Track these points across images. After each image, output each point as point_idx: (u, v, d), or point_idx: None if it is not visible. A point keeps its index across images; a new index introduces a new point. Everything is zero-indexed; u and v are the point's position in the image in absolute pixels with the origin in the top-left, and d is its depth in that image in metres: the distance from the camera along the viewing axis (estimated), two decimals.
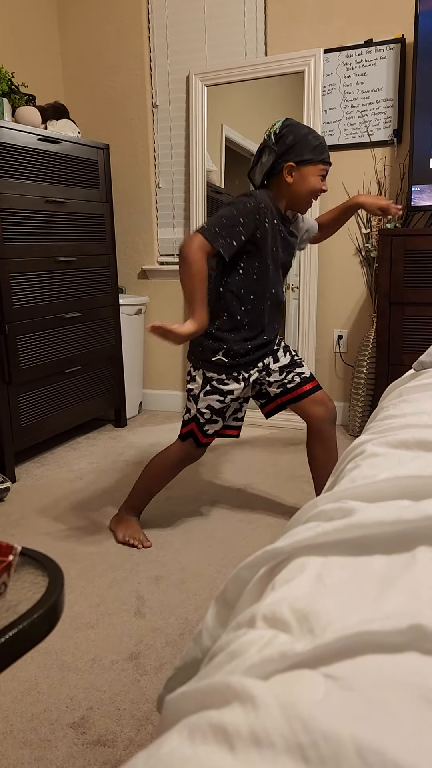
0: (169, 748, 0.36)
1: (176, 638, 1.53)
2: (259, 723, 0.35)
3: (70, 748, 1.20)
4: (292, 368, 1.90)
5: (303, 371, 1.91)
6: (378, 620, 0.42)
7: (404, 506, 0.58)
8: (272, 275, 1.80)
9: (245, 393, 1.92)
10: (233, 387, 1.83)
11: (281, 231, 1.79)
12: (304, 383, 1.90)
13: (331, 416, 1.91)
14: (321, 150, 1.72)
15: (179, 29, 3.18)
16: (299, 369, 1.91)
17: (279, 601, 0.49)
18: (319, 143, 1.72)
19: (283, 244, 1.81)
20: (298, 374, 1.90)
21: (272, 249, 1.77)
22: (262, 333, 1.84)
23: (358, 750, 0.32)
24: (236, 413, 1.98)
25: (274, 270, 1.80)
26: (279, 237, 1.79)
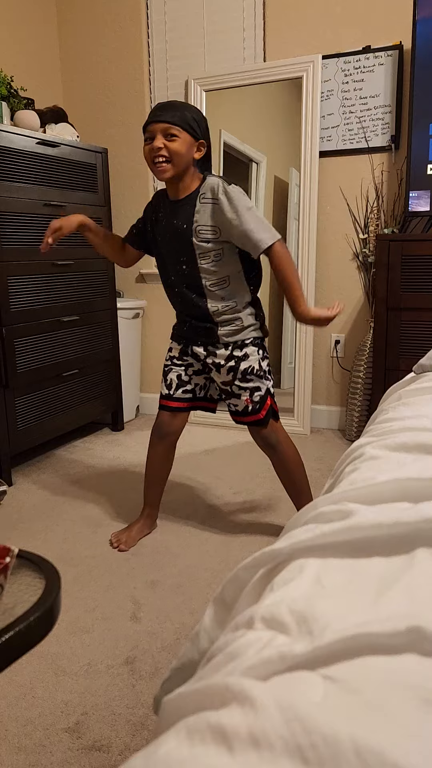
0: (167, 748, 0.36)
1: (172, 643, 1.52)
2: (258, 724, 0.35)
3: (65, 753, 1.20)
4: (227, 396, 1.90)
5: (235, 404, 1.89)
6: (377, 622, 0.42)
7: (403, 508, 0.58)
8: (163, 262, 1.86)
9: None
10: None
11: (162, 219, 1.82)
12: (235, 415, 1.92)
13: (263, 444, 1.92)
14: (146, 121, 1.68)
15: (178, 35, 3.19)
16: (231, 400, 1.90)
17: (278, 603, 0.48)
18: (149, 112, 1.70)
19: (166, 232, 1.81)
20: (230, 404, 1.92)
21: (155, 239, 1.85)
22: (176, 304, 1.91)
23: (356, 751, 0.32)
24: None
25: (163, 257, 1.85)
26: (160, 225, 1.83)
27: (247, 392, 1.85)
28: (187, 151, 1.68)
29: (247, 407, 1.86)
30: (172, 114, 1.64)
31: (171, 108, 1.65)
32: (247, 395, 1.85)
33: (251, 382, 1.85)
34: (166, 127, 1.64)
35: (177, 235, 1.77)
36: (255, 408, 1.86)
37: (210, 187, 1.72)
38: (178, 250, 1.79)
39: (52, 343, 2.71)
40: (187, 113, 1.67)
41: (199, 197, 1.73)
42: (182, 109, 1.66)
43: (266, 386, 1.87)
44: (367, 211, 2.96)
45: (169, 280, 1.87)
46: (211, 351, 1.87)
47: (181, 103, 1.69)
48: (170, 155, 1.65)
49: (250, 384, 1.85)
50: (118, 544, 1.99)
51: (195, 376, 1.95)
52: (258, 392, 1.85)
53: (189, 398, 1.96)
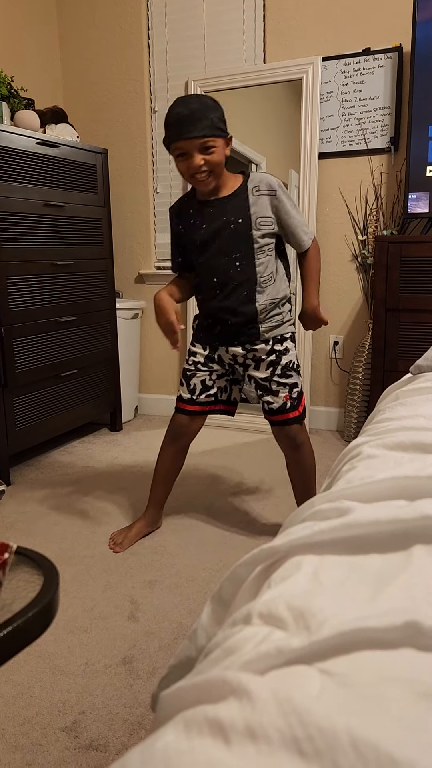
0: (165, 741, 0.36)
1: (170, 642, 1.52)
2: (255, 717, 0.35)
3: (62, 752, 1.19)
4: (265, 393, 1.87)
5: (272, 401, 1.86)
6: (374, 617, 0.42)
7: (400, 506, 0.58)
8: (208, 264, 1.80)
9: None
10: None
11: (202, 223, 1.76)
12: (270, 414, 1.88)
13: (290, 444, 1.90)
14: (168, 130, 1.59)
15: (178, 36, 3.19)
16: (269, 397, 1.86)
17: (275, 599, 0.49)
18: (167, 123, 1.59)
19: (212, 233, 1.75)
20: (266, 402, 1.87)
21: (197, 242, 1.79)
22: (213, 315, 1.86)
23: (353, 743, 0.32)
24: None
25: (209, 259, 1.79)
26: (200, 229, 1.77)
27: (287, 388, 1.83)
28: (222, 156, 1.66)
29: (285, 404, 1.83)
30: (202, 126, 1.57)
31: (198, 118, 1.56)
32: (287, 392, 1.83)
33: (291, 378, 1.83)
34: (201, 143, 1.59)
35: (231, 231, 1.73)
36: (294, 404, 1.84)
37: (263, 180, 1.74)
38: (233, 247, 1.75)
39: (50, 343, 2.71)
40: (212, 115, 1.59)
41: (252, 190, 1.72)
42: (207, 113, 1.58)
43: (301, 382, 1.88)
44: (366, 213, 2.96)
45: (214, 283, 1.80)
46: (251, 348, 1.84)
47: (203, 105, 1.59)
48: (211, 167, 1.64)
49: (289, 380, 1.83)
50: (113, 545, 1.98)
51: (218, 380, 1.93)
52: (296, 388, 1.85)
53: (211, 402, 1.93)
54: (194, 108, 1.57)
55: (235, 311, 1.79)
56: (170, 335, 1.71)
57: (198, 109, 1.57)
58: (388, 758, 0.31)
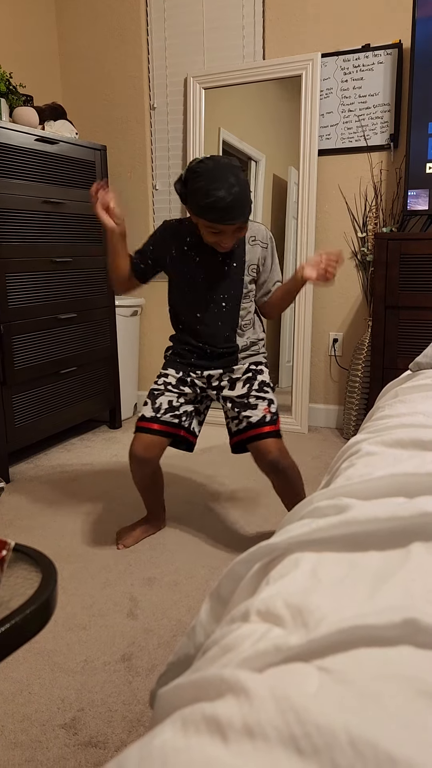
0: (162, 739, 0.36)
1: (169, 639, 1.52)
2: (253, 715, 0.35)
3: (61, 749, 1.20)
4: (242, 409, 1.84)
5: (250, 415, 1.83)
6: (372, 614, 0.42)
7: (399, 503, 0.58)
8: (193, 297, 1.83)
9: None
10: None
11: (196, 256, 1.79)
12: (247, 429, 1.84)
13: (272, 467, 1.81)
14: (207, 210, 1.57)
15: (177, 32, 3.19)
16: (247, 412, 1.84)
17: (273, 596, 0.49)
18: (207, 204, 1.56)
19: (204, 269, 1.79)
20: (245, 417, 1.84)
21: (186, 274, 1.81)
22: (189, 343, 1.88)
23: (351, 741, 0.32)
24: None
25: (195, 292, 1.82)
26: (193, 262, 1.79)
27: (266, 402, 1.84)
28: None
29: (265, 417, 1.82)
30: (243, 213, 1.60)
31: (241, 205, 1.58)
32: (266, 405, 1.84)
33: (267, 394, 1.85)
34: (241, 225, 1.64)
35: (225, 274, 1.79)
36: (272, 418, 1.83)
37: (260, 232, 1.82)
38: (223, 289, 1.80)
39: (50, 341, 2.71)
40: (249, 196, 1.61)
41: (249, 239, 1.80)
42: (246, 197, 1.60)
43: (276, 403, 1.88)
44: (365, 210, 2.96)
45: (197, 318, 1.83)
46: (228, 370, 1.87)
47: (242, 187, 1.58)
48: (237, 240, 1.71)
49: (267, 395, 1.85)
50: (119, 542, 1.99)
51: (185, 404, 1.89)
52: (273, 405, 1.85)
53: (174, 424, 1.87)
54: (237, 193, 1.56)
55: (215, 347, 1.85)
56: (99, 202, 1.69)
57: (240, 193, 1.57)
58: (386, 756, 0.31)
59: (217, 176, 1.56)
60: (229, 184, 1.55)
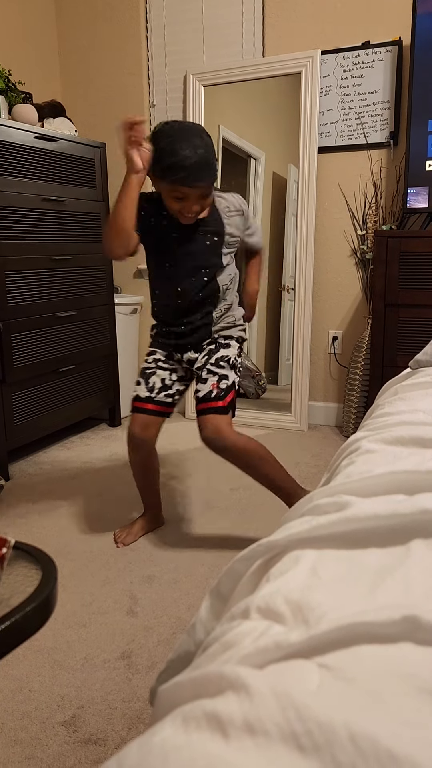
0: (162, 736, 0.36)
1: (168, 637, 1.52)
2: (254, 711, 0.35)
3: (61, 746, 1.20)
4: (197, 382, 1.83)
5: (200, 389, 1.81)
6: (372, 611, 0.42)
7: (399, 500, 0.58)
8: (171, 271, 1.79)
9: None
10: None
11: (172, 227, 1.73)
12: (197, 403, 1.81)
13: (209, 444, 1.77)
14: (171, 170, 1.53)
15: (177, 29, 3.18)
16: (198, 385, 1.82)
17: (273, 593, 0.49)
18: (171, 163, 1.51)
19: (181, 243, 1.74)
20: (196, 392, 1.82)
21: (161, 246, 1.77)
22: (169, 322, 1.88)
23: (351, 738, 0.32)
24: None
25: (173, 267, 1.79)
26: (171, 234, 1.74)
27: (216, 377, 1.80)
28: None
29: (211, 391, 1.78)
30: (209, 174, 1.57)
31: (206, 166, 1.55)
32: (215, 380, 1.80)
33: (222, 369, 1.82)
34: (204, 189, 1.59)
35: (206, 248, 1.77)
36: (219, 394, 1.78)
37: (233, 202, 1.80)
38: (203, 262, 1.78)
39: (49, 339, 2.71)
40: (215, 161, 1.58)
41: (224, 212, 1.78)
42: (212, 159, 1.56)
43: (233, 379, 1.83)
44: (365, 208, 2.96)
45: (177, 292, 1.81)
46: (201, 347, 1.88)
47: (208, 149, 1.55)
48: (202, 209, 1.68)
49: (220, 371, 1.82)
50: (118, 541, 1.99)
51: (177, 383, 1.91)
52: (225, 380, 1.81)
53: (168, 403, 1.89)
54: (202, 154, 1.53)
55: (194, 322, 1.84)
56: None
57: (205, 155, 1.54)
58: (386, 753, 0.31)
59: (182, 136, 1.51)
60: (194, 144, 1.51)
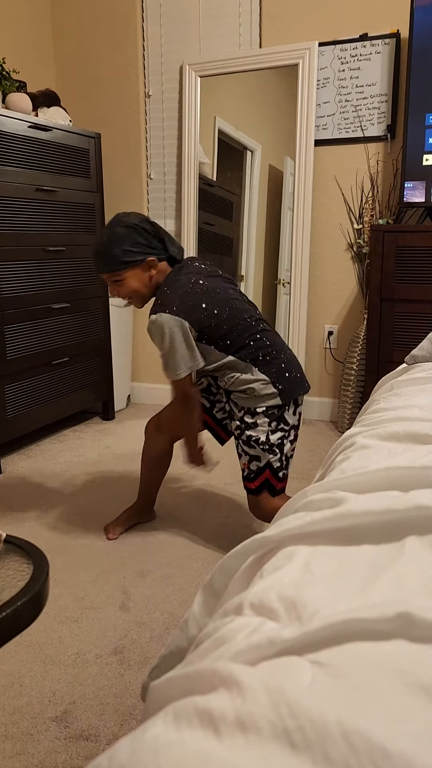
0: (154, 732, 0.35)
1: (161, 633, 1.52)
2: (246, 708, 0.35)
3: (52, 742, 1.19)
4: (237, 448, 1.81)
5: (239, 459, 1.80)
6: (365, 608, 0.42)
7: (393, 496, 0.57)
8: None
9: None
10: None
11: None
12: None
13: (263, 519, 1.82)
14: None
15: (173, 19, 3.15)
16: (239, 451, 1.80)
17: (267, 589, 0.48)
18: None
19: None
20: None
21: None
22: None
23: (344, 734, 0.32)
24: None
25: None
26: None
27: (247, 457, 1.75)
28: (140, 281, 1.69)
29: (243, 470, 1.78)
30: (101, 264, 1.65)
31: (102, 256, 1.64)
32: (246, 460, 1.76)
33: (253, 449, 1.74)
34: (108, 277, 1.67)
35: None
36: (249, 476, 1.76)
37: (150, 316, 1.69)
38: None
39: (42, 330, 2.69)
40: (117, 249, 1.62)
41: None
42: (111, 249, 1.62)
43: (267, 459, 1.73)
44: (361, 201, 2.95)
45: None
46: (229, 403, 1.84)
47: (110, 237, 1.63)
48: (127, 296, 1.70)
49: (251, 450, 1.74)
50: (106, 532, 1.99)
51: (219, 402, 1.89)
52: (257, 462, 1.74)
53: (206, 408, 1.88)
54: (100, 243, 1.65)
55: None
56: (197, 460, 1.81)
57: (104, 243, 1.64)
58: (379, 749, 0.31)
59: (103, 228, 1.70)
60: (101, 234, 1.65)
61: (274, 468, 1.74)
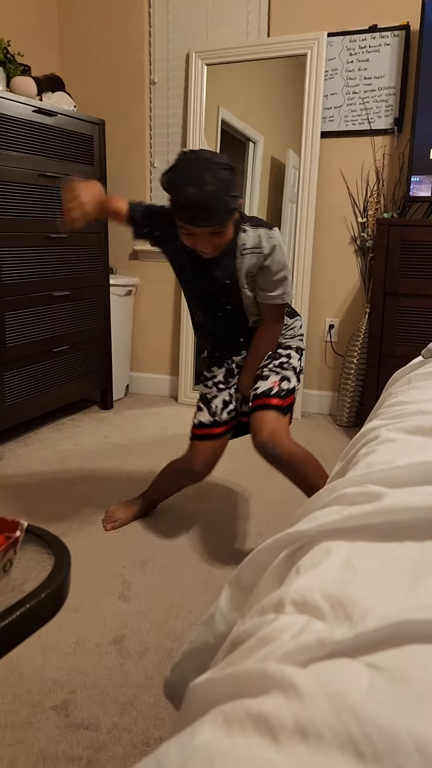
0: (204, 738, 0.33)
1: (161, 623, 1.50)
2: (305, 714, 0.33)
3: (52, 730, 1.18)
4: (256, 381, 1.76)
5: (259, 385, 1.71)
6: (421, 608, 0.40)
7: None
8: (196, 303, 1.77)
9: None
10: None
11: (186, 261, 1.68)
12: (255, 398, 1.70)
13: (262, 451, 1.64)
14: (176, 208, 1.45)
15: (181, 6, 3.10)
16: (259, 382, 1.72)
17: (308, 586, 0.46)
18: (176, 200, 1.43)
19: (198, 276, 1.69)
20: (255, 387, 1.73)
21: (183, 276, 1.74)
22: (210, 338, 1.83)
23: (417, 746, 0.30)
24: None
25: (196, 299, 1.76)
26: (186, 264, 1.69)
27: (278, 376, 1.69)
28: (232, 228, 1.55)
29: (271, 388, 1.67)
30: (217, 214, 1.43)
31: (214, 206, 1.41)
32: (277, 378, 1.69)
33: (285, 371, 1.71)
34: (212, 230, 1.47)
35: (221, 286, 1.67)
36: (280, 393, 1.66)
37: (253, 238, 1.58)
38: (223, 299, 1.70)
39: (42, 318, 2.66)
40: (227, 197, 1.42)
41: (240, 249, 1.60)
42: (223, 196, 1.41)
43: (294, 384, 1.71)
44: (366, 195, 2.92)
45: (204, 322, 1.80)
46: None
47: (219, 186, 1.40)
48: (219, 248, 1.54)
49: (284, 371, 1.70)
50: (107, 521, 1.97)
51: (236, 393, 1.84)
52: (287, 382, 1.69)
53: (233, 416, 1.83)
54: (209, 192, 1.38)
55: (234, 350, 1.81)
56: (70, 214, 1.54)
57: (214, 193, 1.39)
58: None
59: (193, 171, 1.39)
60: (203, 181, 1.38)
61: (296, 394, 1.75)
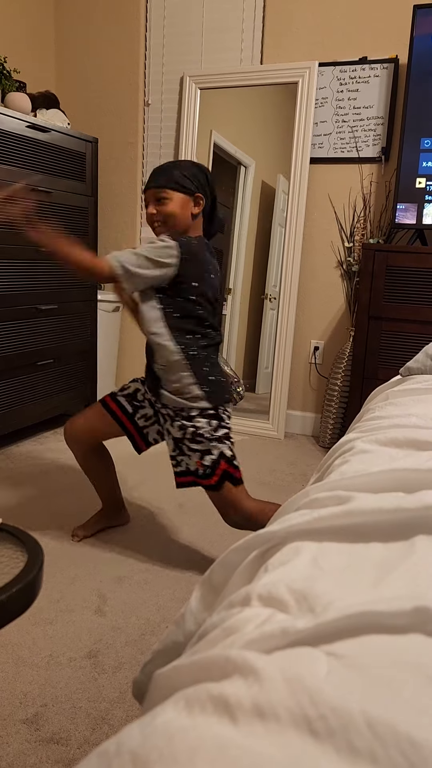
0: (165, 718, 0.34)
1: (137, 638, 1.49)
2: (263, 695, 0.33)
3: (22, 744, 1.16)
4: (180, 454, 1.73)
5: (180, 463, 1.73)
6: (381, 601, 0.41)
7: (402, 496, 0.57)
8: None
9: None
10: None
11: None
12: (189, 475, 1.72)
13: (227, 522, 1.76)
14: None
15: (177, 30, 3.18)
16: (181, 457, 1.72)
17: (275, 582, 0.47)
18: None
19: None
20: (185, 462, 1.72)
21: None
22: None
23: (368, 723, 0.31)
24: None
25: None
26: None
27: (197, 454, 1.68)
28: (181, 209, 1.67)
29: (197, 470, 1.69)
30: (159, 178, 1.66)
31: (161, 172, 1.67)
32: (198, 457, 1.68)
33: (202, 444, 1.68)
34: (155, 192, 1.66)
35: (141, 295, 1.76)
36: (205, 473, 1.68)
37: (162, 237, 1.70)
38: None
39: (29, 331, 2.66)
40: (177, 171, 1.66)
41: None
42: (172, 169, 1.66)
43: (219, 449, 1.68)
44: (353, 221, 2.98)
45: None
46: (158, 404, 1.76)
47: (173, 163, 1.68)
48: (164, 218, 1.67)
49: (200, 446, 1.68)
50: (73, 534, 1.97)
51: (148, 407, 1.82)
52: (209, 455, 1.68)
53: (128, 414, 1.82)
54: (165, 165, 1.68)
55: (149, 368, 1.77)
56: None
57: (168, 166, 1.68)
58: (406, 739, 0.30)
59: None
60: (171, 162, 1.69)
61: (227, 456, 1.68)
